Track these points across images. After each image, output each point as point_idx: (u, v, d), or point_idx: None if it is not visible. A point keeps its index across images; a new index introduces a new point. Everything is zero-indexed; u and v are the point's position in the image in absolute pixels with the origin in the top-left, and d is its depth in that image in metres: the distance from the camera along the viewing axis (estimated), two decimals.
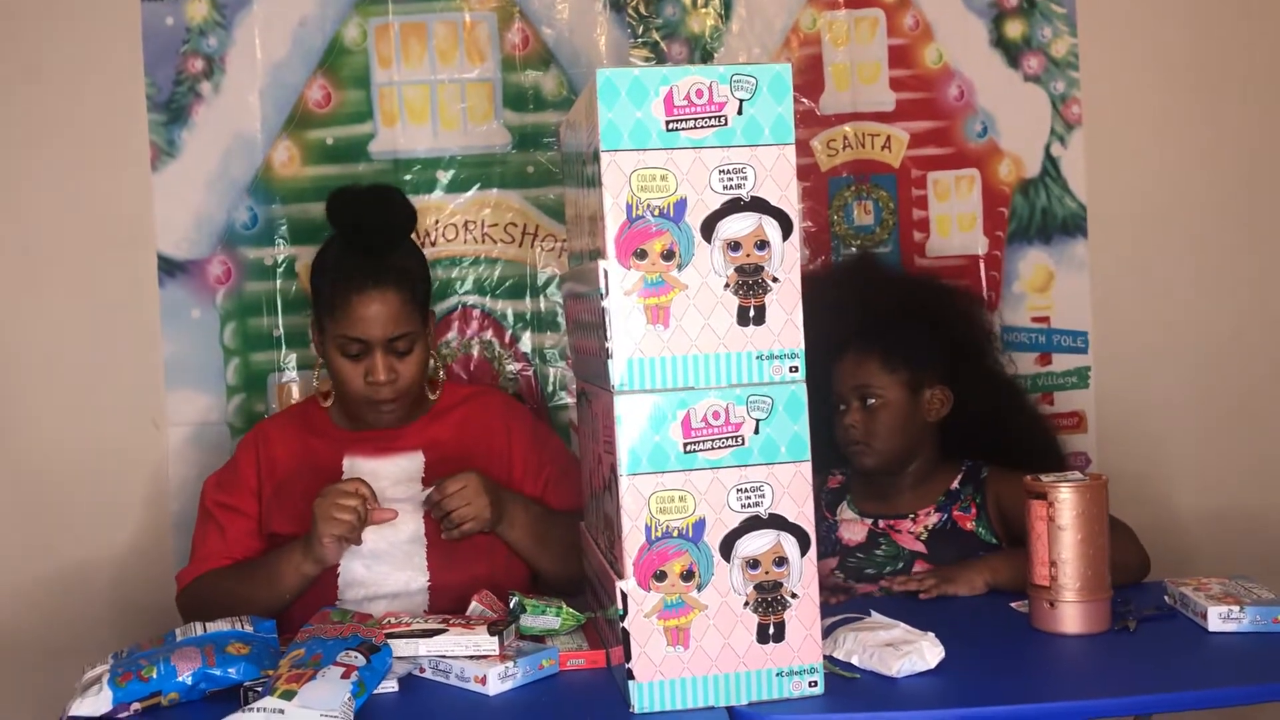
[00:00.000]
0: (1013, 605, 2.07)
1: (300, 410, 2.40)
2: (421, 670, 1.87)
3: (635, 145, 1.70)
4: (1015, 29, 2.85)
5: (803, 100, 2.79)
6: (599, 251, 1.75)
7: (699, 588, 1.72)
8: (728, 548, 1.72)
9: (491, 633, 1.86)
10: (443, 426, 2.31)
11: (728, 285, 1.72)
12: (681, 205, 1.71)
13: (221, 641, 1.83)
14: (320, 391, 2.35)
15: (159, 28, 2.67)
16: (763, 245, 1.72)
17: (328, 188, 2.33)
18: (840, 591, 2.21)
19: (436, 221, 2.73)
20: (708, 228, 1.71)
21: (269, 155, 2.70)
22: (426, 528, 2.18)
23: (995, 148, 2.86)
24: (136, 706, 1.75)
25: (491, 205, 2.76)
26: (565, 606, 1.97)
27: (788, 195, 1.73)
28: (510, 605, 1.97)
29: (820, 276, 2.68)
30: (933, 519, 2.33)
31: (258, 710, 1.64)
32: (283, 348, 2.72)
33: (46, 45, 2.66)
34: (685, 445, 1.71)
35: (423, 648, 1.87)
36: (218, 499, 2.27)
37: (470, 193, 2.75)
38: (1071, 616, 1.93)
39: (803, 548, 1.74)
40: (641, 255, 1.71)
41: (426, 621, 1.93)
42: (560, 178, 2.66)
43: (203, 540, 2.26)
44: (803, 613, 1.74)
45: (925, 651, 1.79)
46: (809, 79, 2.80)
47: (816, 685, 1.75)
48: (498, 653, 1.85)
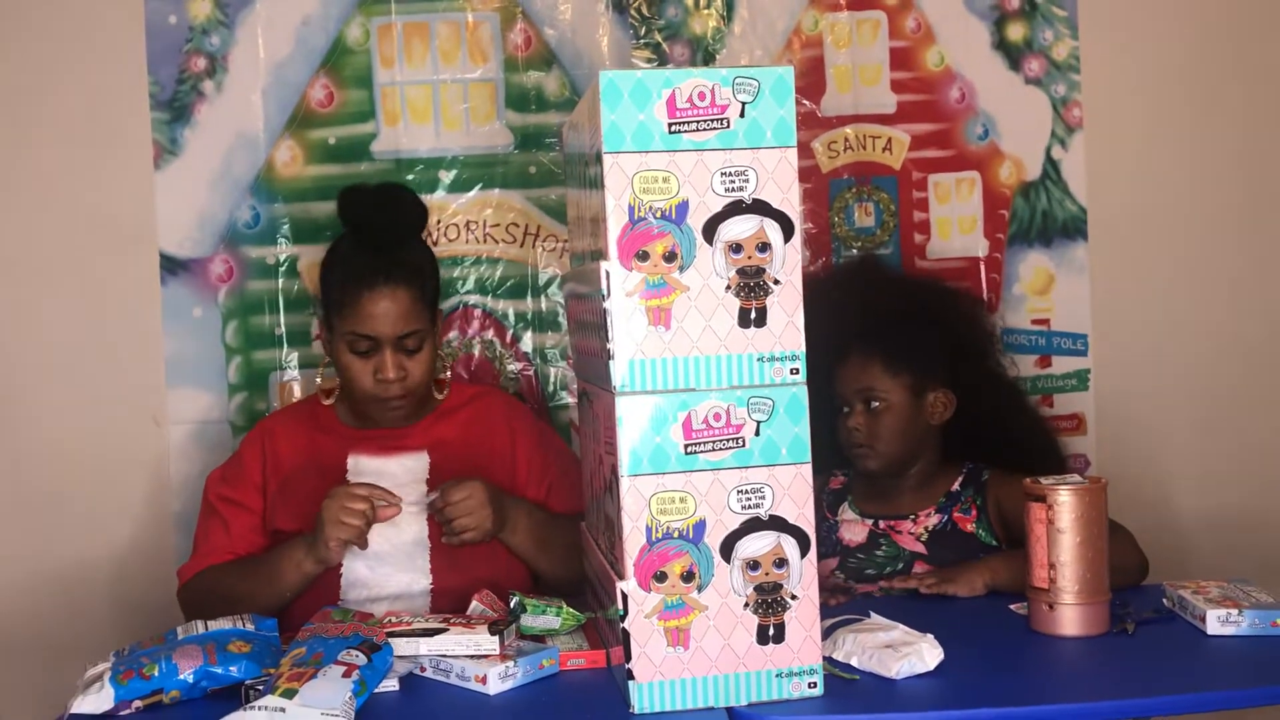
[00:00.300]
0: (1012, 607, 2.07)
1: (306, 407, 2.39)
2: (422, 669, 1.87)
3: (638, 147, 1.70)
4: (1017, 32, 2.86)
5: (804, 102, 2.79)
6: (601, 252, 1.75)
7: (699, 589, 1.73)
8: (728, 549, 1.73)
9: (492, 632, 1.87)
10: (448, 426, 2.31)
11: (729, 287, 1.72)
12: (683, 207, 1.71)
13: (223, 640, 1.83)
14: (322, 389, 2.35)
15: (162, 26, 2.68)
16: (764, 247, 1.73)
17: (330, 187, 2.33)
18: (840, 592, 2.21)
19: (438, 221, 2.73)
20: (709, 230, 1.72)
21: (271, 154, 2.70)
22: (430, 530, 2.18)
23: (996, 150, 2.86)
24: (138, 704, 1.76)
25: (493, 205, 2.76)
26: (566, 606, 1.98)
27: (789, 198, 1.73)
28: (511, 605, 1.98)
29: (823, 278, 2.68)
30: (933, 520, 2.34)
31: (259, 709, 1.64)
32: (284, 346, 2.72)
33: (49, 43, 2.67)
34: (686, 446, 1.72)
35: (423, 647, 1.87)
36: (222, 493, 2.27)
37: (472, 193, 2.75)
38: (1070, 619, 1.93)
39: (803, 549, 1.74)
40: (643, 257, 1.71)
41: (427, 621, 1.93)
42: (562, 178, 2.66)
43: (205, 535, 2.26)
44: (802, 614, 1.75)
45: (924, 653, 1.79)
46: (810, 81, 2.81)
47: (816, 686, 1.75)
48: (498, 652, 1.85)
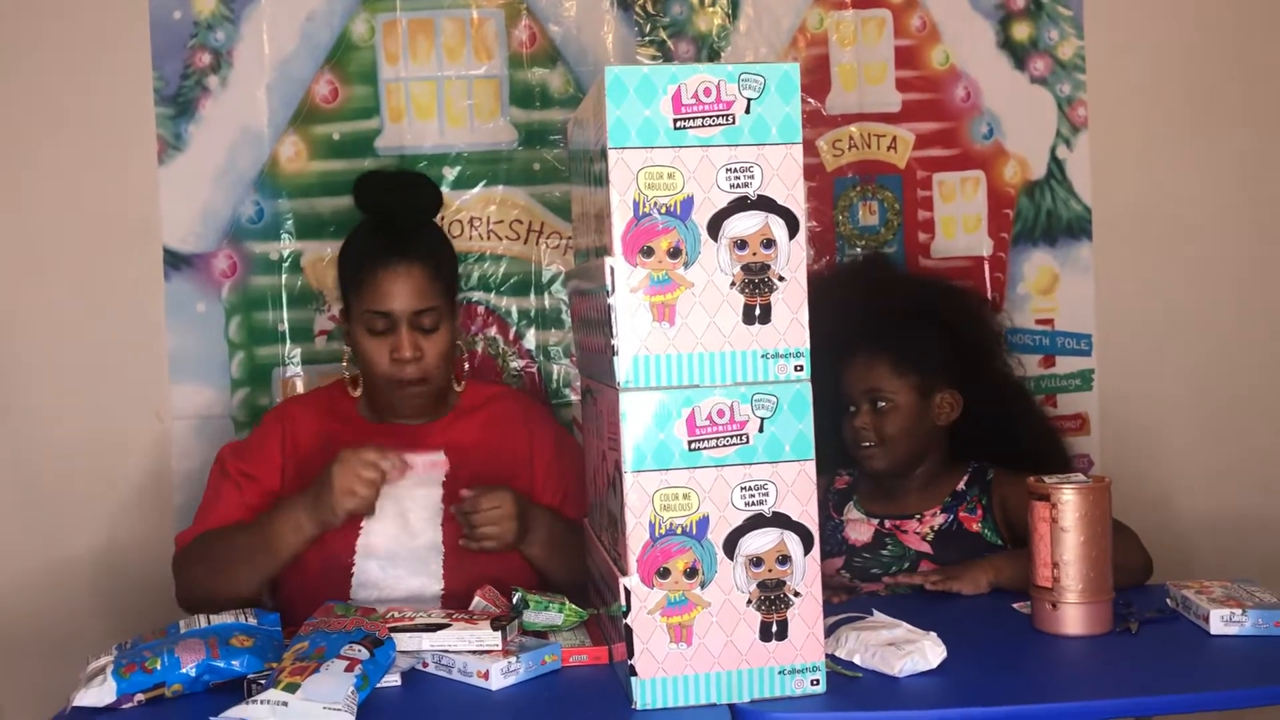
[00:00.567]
0: (1015, 606, 2.07)
1: (327, 394, 2.38)
2: (425, 665, 1.87)
3: (643, 143, 1.70)
4: (1022, 31, 2.85)
5: (809, 100, 2.79)
6: (605, 249, 1.75)
7: (702, 585, 1.72)
8: (731, 545, 1.73)
9: (495, 628, 1.87)
10: (466, 428, 2.30)
11: (734, 283, 1.72)
12: (688, 203, 1.71)
13: (225, 634, 1.83)
14: (350, 377, 2.34)
15: (167, 21, 2.68)
16: (769, 244, 1.72)
17: (334, 183, 2.32)
18: (845, 591, 2.21)
19: (442, 218, 2.72)
20: (714, 226, 1.72)
21: (275, 150, 2.70)
22: (444, 535, 2.18)
23: (1001, 149, 2.86)
24: (140, 698, 1.76)
25: (497, 202, 2.76)
26: (568, 602, 1.97)
27: (794, 194, 1.73)
28: (513, 601, 1.97)
29: (830, 277, 2.68)
30: (939, 520, 2.33)
31: (261, 702, 1.64)
32: (287, 342, 2.72)
33: (54, 38, 2.67)
34: (690, 443, 1.72)
35: (426, 642, 1.87)
36: (239, 466, 2.25)
37: (476, 189, 2.75)
38: (1073, 618, 1.93)
39: (806, 546, 1.74)
40: (648, 253, 1.71)
41: (430, 616, 1.93)
42: (566, 175, 2.66)
43: (214, 501, 2.23)
44: (805, 611, 1.75)
45: (927, 651, 1.79)
46: (815, 79, 2.80)
47: (818, 684, 1.75)
48: (501, 648, 1.85)
